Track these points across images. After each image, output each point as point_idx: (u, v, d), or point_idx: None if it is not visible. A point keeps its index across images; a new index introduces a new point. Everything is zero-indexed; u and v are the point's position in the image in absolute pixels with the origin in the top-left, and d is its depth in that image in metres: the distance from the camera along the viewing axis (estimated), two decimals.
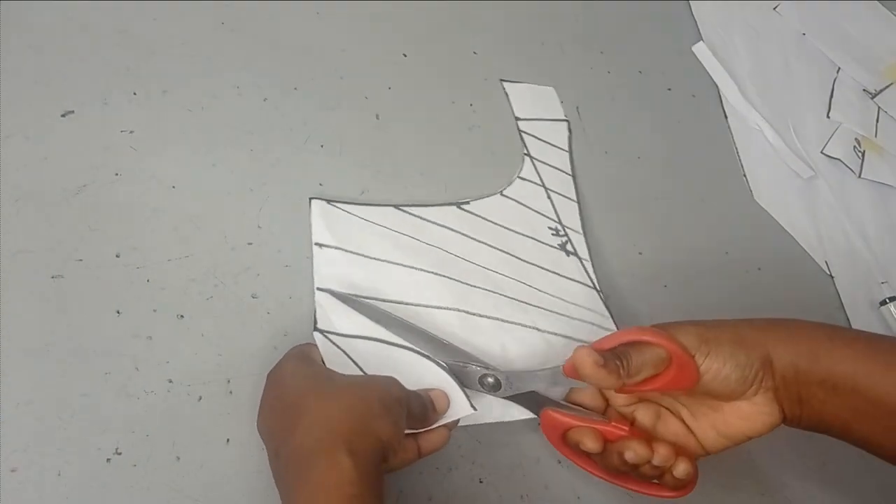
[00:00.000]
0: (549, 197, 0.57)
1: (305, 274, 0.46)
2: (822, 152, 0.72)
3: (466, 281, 0.49)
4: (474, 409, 0.41)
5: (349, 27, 0.58)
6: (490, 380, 0.43)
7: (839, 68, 0.79)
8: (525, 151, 0.58)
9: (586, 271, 0.54)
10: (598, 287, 0.53)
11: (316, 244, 0.47)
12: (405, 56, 0.59)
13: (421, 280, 0.48)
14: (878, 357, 0.38)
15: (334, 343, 0.43)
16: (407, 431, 0.39)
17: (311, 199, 0.49)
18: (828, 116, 0.75)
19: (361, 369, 0.42)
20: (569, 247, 0.55)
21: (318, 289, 0.45)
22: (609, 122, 0.64)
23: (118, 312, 0.41)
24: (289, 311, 0.45)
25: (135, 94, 0.48)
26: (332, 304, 0.44)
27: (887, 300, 0.63)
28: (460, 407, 0.41)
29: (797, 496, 0.52)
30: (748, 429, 0.40)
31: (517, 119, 0.60)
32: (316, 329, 0.43)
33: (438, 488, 0.43)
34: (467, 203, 0.53)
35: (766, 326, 0.40)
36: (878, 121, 0.77)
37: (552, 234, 0.55)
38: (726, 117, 0.71)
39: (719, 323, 0.40)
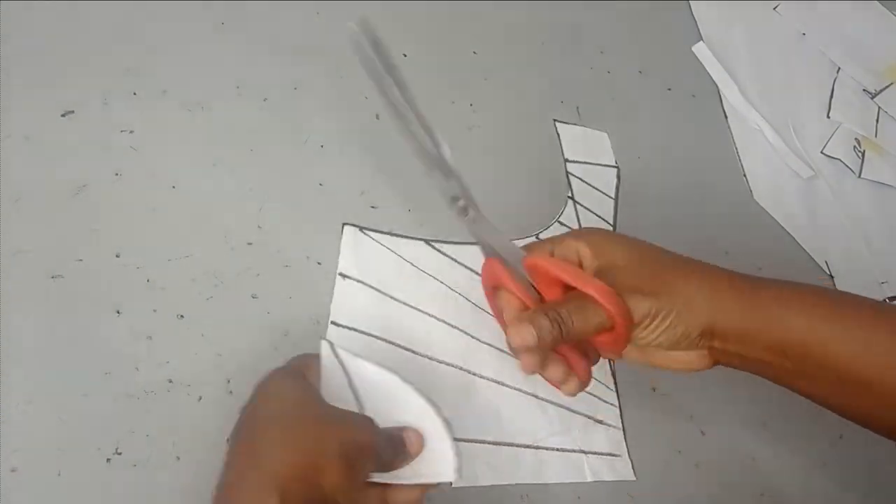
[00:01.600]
0: None
1: (305, 274, 0.46)
2: (822, 152, 0.72)
3: (477, 336, 0.49)
4: (458, 476, 0.35)
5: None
6: (461, 203, 0.41)
7: (839, 68, 0.79)
8: (569, 195, 0.58)
9: None
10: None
11: (340, 274, 0.47)
12: (405, 56, 0.59)
13: (433, 330, 0.47)
14: (842, 322, 0.37)
15: (339, 358, 0.39)
16: (375, 477, 0.35)
17: (343, 224, 0.49)
18: (828, 116, 0.75)
19: (357, 397, 0.38)
20: None
21: (333, 322, 0.45)
22: (609, 122, 0.64)
23: (118, 312, 0.41)
24: (289, 311, 0.45)
25: (135, 93, 0.48)
26: (343, 342, 0.43)
27: (887, 300, 0.64)
28: (444, 470, 0.36)
29: (797, 497, 0.52)
30: (671, 365, 0.40)
31: (566, 160, 0.60)
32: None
33: (438, 488, 0.43)
34: None
35: (716, 292, 0.38)
36: (878, 121, 0.77)
37: None
38: (726, 117, 0.71)
39: (671, 282, 0.38)
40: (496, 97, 0.61)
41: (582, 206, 0.58)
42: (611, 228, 0.58)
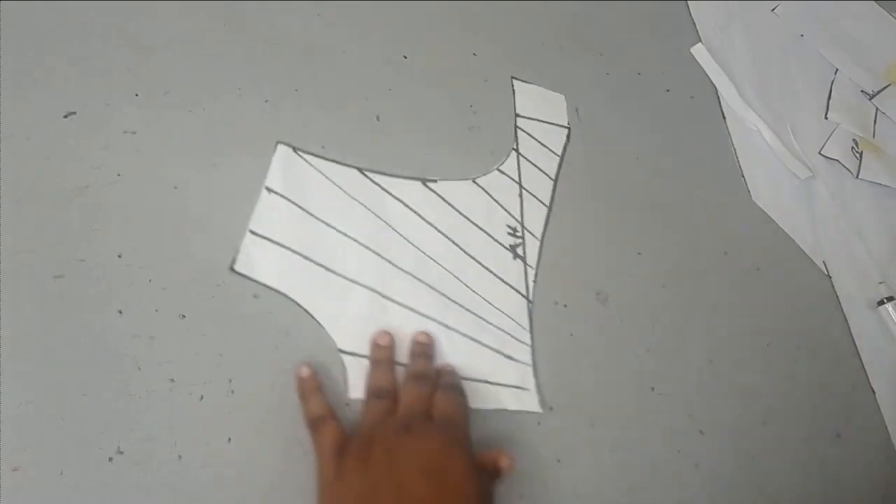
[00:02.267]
0: (520, 195, 0.57)
1: None
2: (820, 153, 0.73)
3: (397, 263, 0.49)
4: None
5: (349, 28, 0.58)
6: None
7: (837, 69, 0.79)
8: (514, 146, 0.59)
9: (526, 279, 0.54)
10: (530, 298, 0.53)
11: (266, 188, 0.47)
12: (405, 57, 0.59)
13: (352, 252, 0.48)
14: None
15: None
16: None
17: (278, 142, 0.49)
18: (826, 117, 0.76)
19: None
20: (519, 250, 0.54)
21: (251, 231, 0.46)
22: (608, 123, 0.65)
23: (120, 312, 0.41)
24: (290, 310, 0.45)
25: (136, 95, 0.48)
26: (260, 251, 0.45)
27: (885, 300, 0.64)
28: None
29: (797, 497, 0.53)
30: None
31: (517, 115, 0.60)
32: (232, 269, 0.44)
33: None
34: (434, 182, 0.53)
35: None
36: (875, 122, 0.77)
37: (508, 233, 0.54)
38: (724, 118, 0.71)
39: None
40: (496, 97, 0.61)
41: (525, 158, 0.58)
42: (551, 185, 0.59)
